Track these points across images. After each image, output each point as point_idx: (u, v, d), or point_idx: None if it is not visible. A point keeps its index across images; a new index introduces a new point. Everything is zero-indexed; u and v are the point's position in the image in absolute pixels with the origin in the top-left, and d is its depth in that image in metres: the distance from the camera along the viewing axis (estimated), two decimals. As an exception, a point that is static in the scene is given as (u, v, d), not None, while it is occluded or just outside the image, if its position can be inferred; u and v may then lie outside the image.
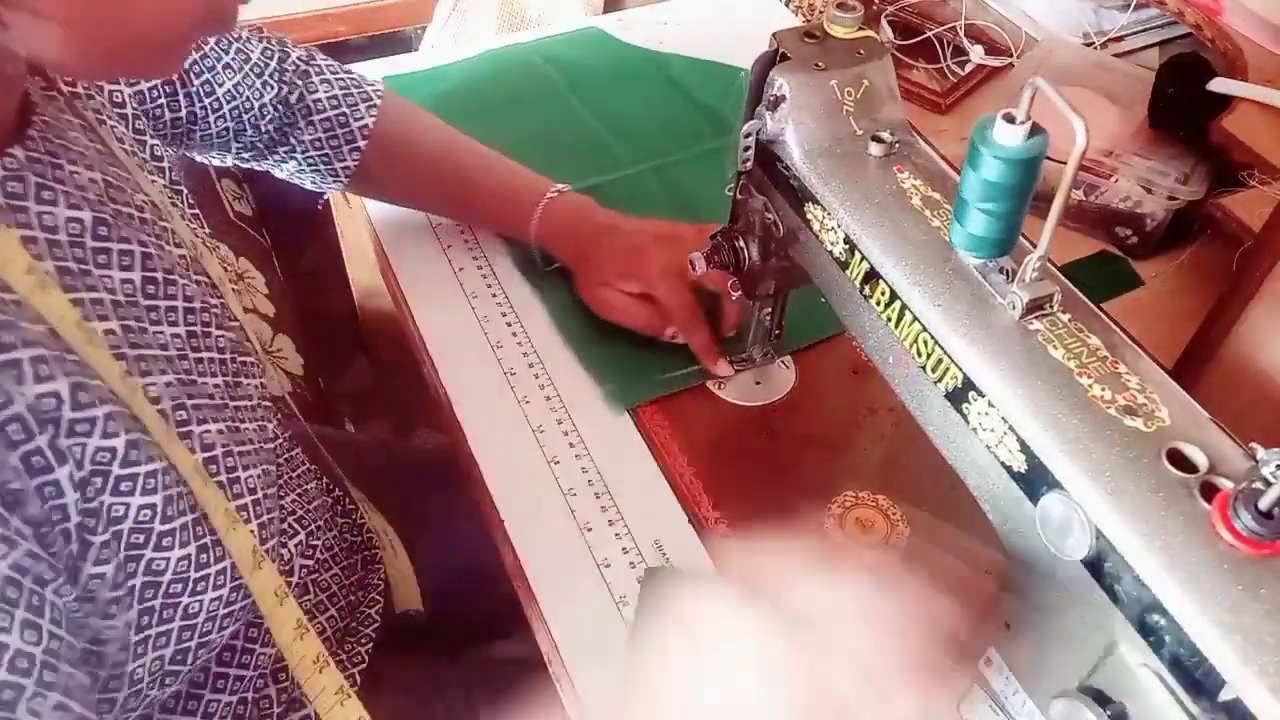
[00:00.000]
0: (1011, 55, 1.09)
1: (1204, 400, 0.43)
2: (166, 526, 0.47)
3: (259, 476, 0.55)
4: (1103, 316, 0.47)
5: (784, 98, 0.57)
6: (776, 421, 0.74)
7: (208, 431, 0.52)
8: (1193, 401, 0.43)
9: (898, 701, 0.42)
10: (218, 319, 0.58)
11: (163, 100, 0.69)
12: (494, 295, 0.82)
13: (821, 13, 0.59)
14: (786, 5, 1.17)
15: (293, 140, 0.77)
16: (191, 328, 0.55)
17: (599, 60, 1.06)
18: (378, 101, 0.78)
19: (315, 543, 0.69)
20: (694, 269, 0.69)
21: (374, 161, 0.79)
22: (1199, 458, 0.40)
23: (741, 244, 0.66)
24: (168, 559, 0.47)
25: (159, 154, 0.63)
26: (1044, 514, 0.43)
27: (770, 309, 0.72)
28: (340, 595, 0.71)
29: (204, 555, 0.49)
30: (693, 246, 0.69)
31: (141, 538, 0.46)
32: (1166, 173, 0.91)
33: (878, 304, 0.52)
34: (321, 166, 0.79)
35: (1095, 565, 0.40)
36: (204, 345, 0.56)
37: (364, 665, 0.70)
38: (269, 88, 0.74)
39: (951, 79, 1.07)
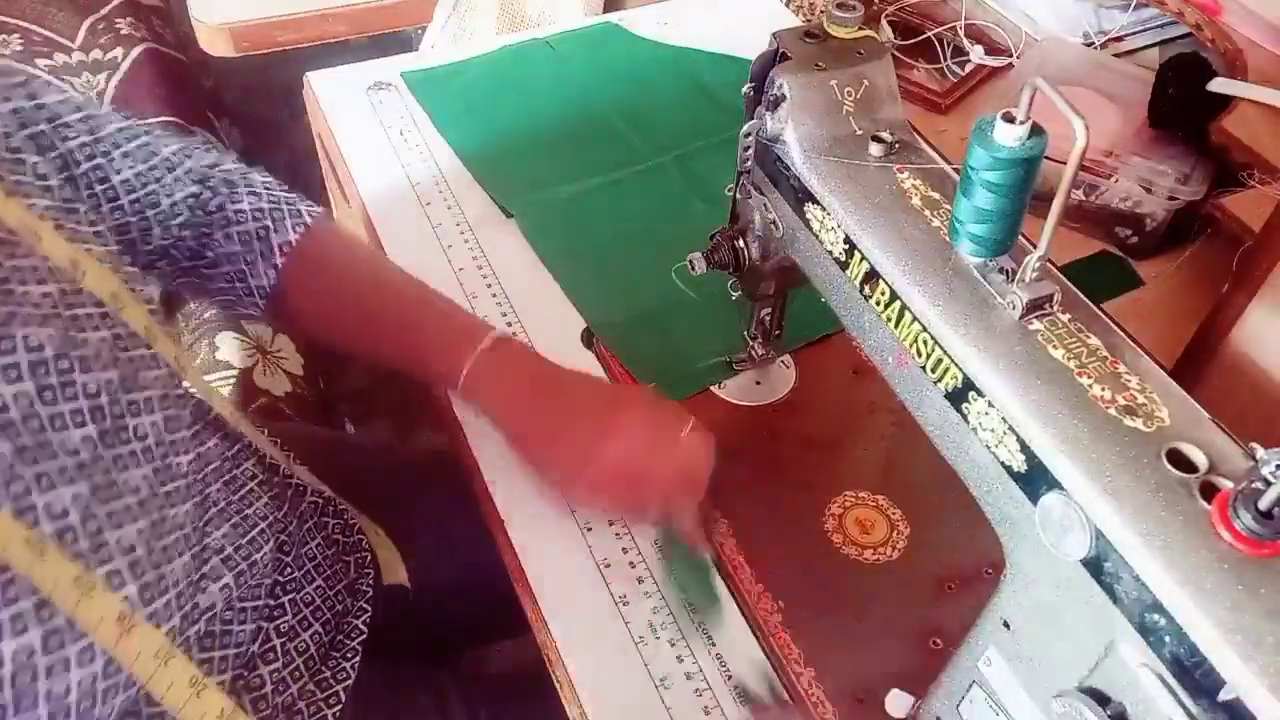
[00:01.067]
0: (1011, 55, 1.09)
1: (1204, 400, 0.43)
2: None
3: (140, 532, 0.49)
4: (1103, 316, 0.47)
5: (784, 98, 0.57)
6: (776, 421, 0.74)
7: (58, 498, 0.45)
8: (1193, 401, 0.43)
9: None
10: (98, 358, 0.50)
11: (52, 182, 0.57)
12: (494, 295, 0.82)
13: (822, 13, 0.59)
14: (786, 5, 1.17)
15: (210, 253, 0.70)
16: (44, 380, 0.47)
17: (614, 55, 1.07)
18: (308, 220, 0.71)
19: (284, 559, 0.67)
20: (693, 269, 0.69)
21: (293, 284, 0.71)
22: (1199, 458, 0.40)
23: (741, 244, 0.66)
24: (1, 652, 0.42)
25: (93, 218, 0.56)
26: (1044, 514, 0.43)
27: (770, 309, 0.72)
28: (325, 608, 0.69)
29: (54, 639, 0.44)
30: (678, 426, 0.64)
31: None
32: (1166, 173, 0.91)
33: (878, 304, 0.52)
34: (236, 283, 0.71)
35: (1095, 565, 0.40)
36: (62, 396, 0.48)
37: (349, 681, 0.68)
38: (180, 184, 0.67)
39: (951, 79, 1.07)
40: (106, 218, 0.64)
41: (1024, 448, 0.44)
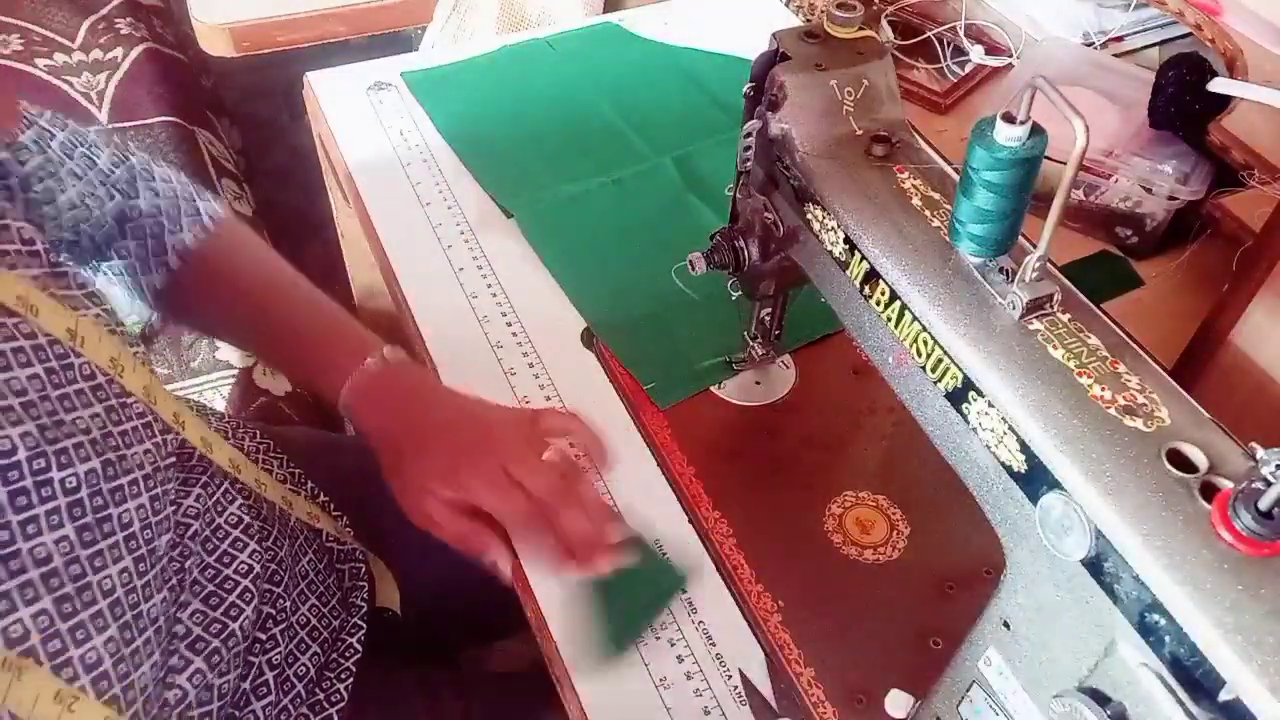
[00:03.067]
0: (1011, 55, 1.09)
1: (1204, 400, 0.43)
2: None
3: (108, 642, 0.46)
4: (1103, 316, 0.47)
5: (784, 98, 0.57)
6: (776, 421, 0.74)
7: (18, 623, 0.43)
8: (1193, 401, 0.43)
9: None
10: (64, 457, 0.46)
11: (38, 246, 0.52)
12: (494, 295, 0.82)
13: (822, 13, 0.59)
14: (786, 5, 1.17)
15: (110, 251, 0.69)
16: (15, 484, 0.44)
17: (615, 54, 1.07)
18: (205, 222, 0.71)
19: (275, 589, 0.65)
20: (693, 269, 0.69)
21: (184, 284, 0.71)
22: (1199, 458, 0.40)
23: (741, 244, 0.66)
24: None
25: (28, 236, 0.51)
26: (1044, 514, 0.43)
27: (770, 309, 0.72)
28: (321, 627, 0.69)
29: None
30: (513, 443, 0.63)
31: None
32: (1166, 173, 0.91)
33: (878, 304, 0.52)
34: (127, 277, 0.70)
35: (1095, 565, 0.40)
36: (38, 498, 0.44)
37: (343, 703, 0.67)
38: (111, 197, 0.67)
39: (951, 79, 1.07)
40: (47, 233, 0.63)
41: (1024, 448, 0.44)
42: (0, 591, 0.42)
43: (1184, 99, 0.94)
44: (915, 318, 0.50)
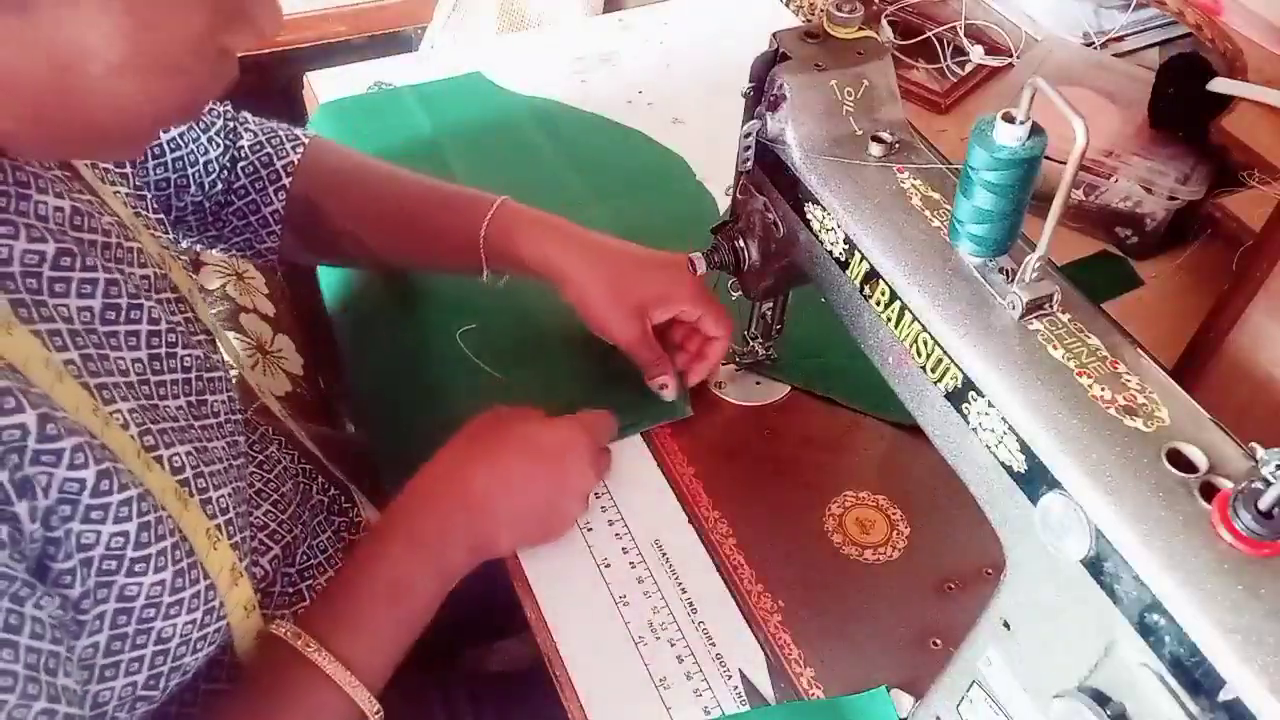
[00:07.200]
0: (1011, 55, 1.09)
1: (1204, 400, 0.43)
2: (140, 553, 0.46)
3: (229, 495, 0.54)
4: (1103, 316, 0.47)
5: (784, 98, 0.57)
6: (776, 421, 0.74)
7: (176, 455, 0.51)
8: (1193, 401, 0.43)
9: None
10: (183, 337, 0.56)
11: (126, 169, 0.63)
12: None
13: (822, 13, 0.59)
14: (786, 5, 1.17)
15: (233, 199, 0.75)
16: (154, 350, 0.53)
17: (477, 109, 1.00)
18: (304, 140, 0.77)
19: (302, 549, 0.68)
20: (693, 269, 0.69)
21: (302, 203, 0.76)
22: (1199, 458, 0.40)
23: (741, 244, 0.66)
24: (140, 584, 0.47)
25: (126, 170, 0.61)
26: (1044, 514, 0.43)
27: (771, 306, 0.72)
28: None
29: (180, 579, 0.48)
30: (681, 272, 0.70)
31: (114, 564, 0.45)
32: (1166, 173, 0.91)
33: (878, 304, 0.53)
34: (251, 217, 0.76)
35: (1095, 565, 0.40)
36: (166, 367, 0.54)
37: None
38: (214, 144, 0.73)
39: (951, 79, 1.07)
40: (152, 171, 0.70)
41: (1024, 448, 0.44)
42: (160, 429, 0.50)
43: (1184, 99, 0.94)
44: (915, 318, 0.50)
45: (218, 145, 0.73)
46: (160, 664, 0.49)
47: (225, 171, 0.74)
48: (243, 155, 0.74)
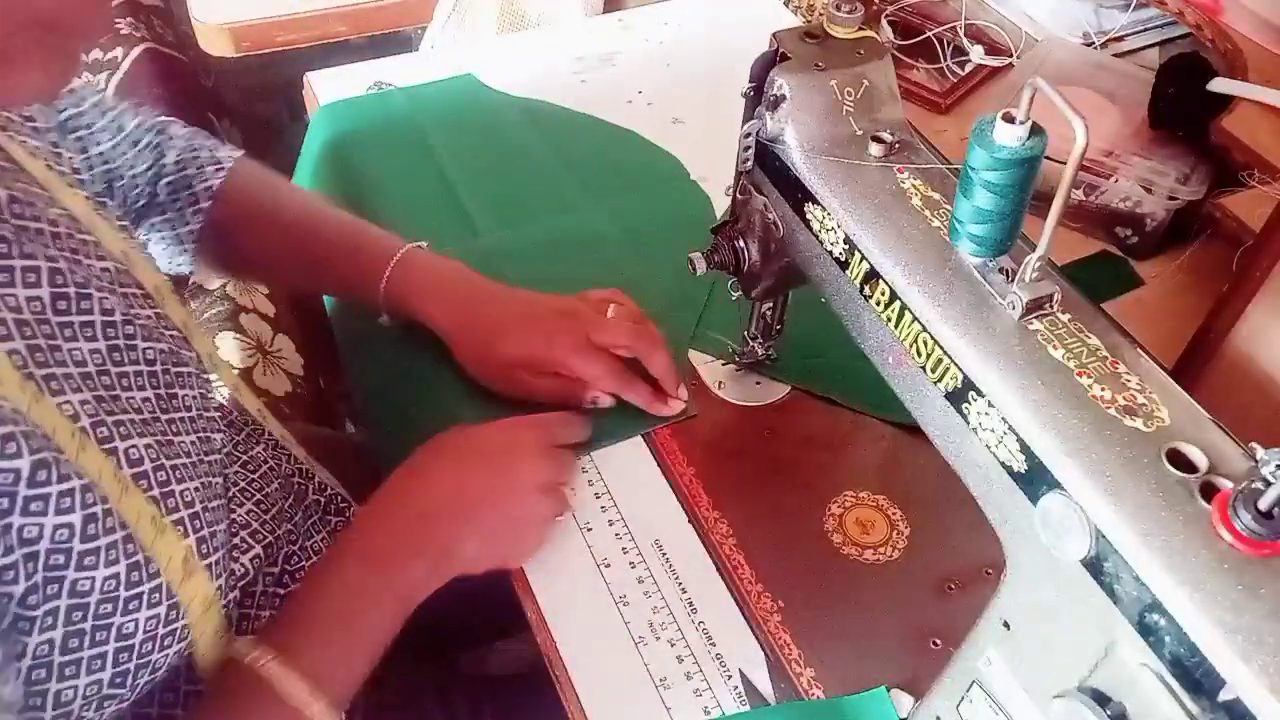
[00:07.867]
0: (1011, 55, 1.09)
1: (1204, 400, 0.43)
2: (88, 545, 0.45)
3: (197, 490, 0.53)
4: (1103, 316, 0.47)
5: (784, 98, 0.57)
6: (776, 421, 0.74)
7: (134, 447, 0.50)
8: (1193, 401, 0.43)
9: None
10: (145, 331, 0.56)
11: (84, 174, 0.64)
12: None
13: (821, 13, 0.59)
14: (786, 5, 1.17)
15: (150, 212, 0.76)
16: (113, 341, 0.53)
17: (468, 111, 1.00)
18: (226, 165, 0.77)
19: (291, 549, 0.67)
20: (693, 269, 0.69)
21: (219, 227, 0.76)
22: (1199, 458, 0.40)
23: (741, 244, 0.66)
24: (92, 578, 0.46)
25: (78, 165, 0.62)
26: (1044, 514, 0.43)
27: (771, 306, 0.72)
28: None
29: (135, 573, 0.48)
30: (589, 317, 0.70)
31: (61, 558, 0.45)
32: (1166, 173, 0.91)
33: (878, 304, 0.53)
34: (166, 232, 0.77)
35: (1095, 565, 0.40)
36: (127, 359, 0.53)
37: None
38: (142, 158, 0.74)
39: (951, 79, 1.07)
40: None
41: (1024, 448, 0.44)
42: (115, 420, 0.50)
43: (1184, 99, 0.94)
44: (915, 318, 0.50)
45: (145, 159, 0.74)
46: (125, 661, 0.48)
47: (150, 186, 0.75)
48: (165, 171, 0.76)
